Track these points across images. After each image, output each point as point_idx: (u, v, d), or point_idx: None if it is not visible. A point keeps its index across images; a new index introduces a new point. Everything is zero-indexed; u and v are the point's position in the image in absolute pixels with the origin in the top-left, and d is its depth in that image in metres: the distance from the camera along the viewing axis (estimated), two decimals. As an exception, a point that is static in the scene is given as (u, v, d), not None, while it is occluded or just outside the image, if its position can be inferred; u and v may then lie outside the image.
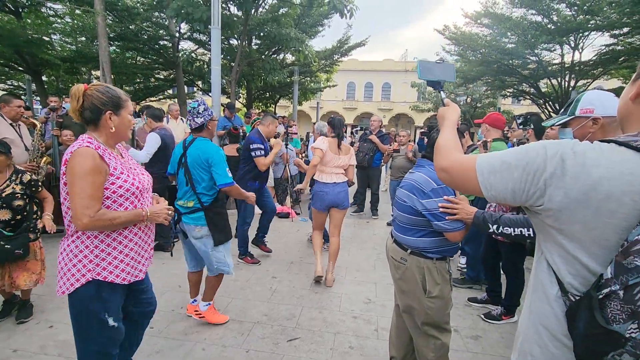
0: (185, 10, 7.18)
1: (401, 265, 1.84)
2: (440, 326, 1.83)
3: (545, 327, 0.84)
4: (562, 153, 0.76)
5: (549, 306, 0.83)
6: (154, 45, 11.37)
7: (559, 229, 0.78)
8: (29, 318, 2.67)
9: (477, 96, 20.24)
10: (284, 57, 13.47)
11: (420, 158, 1.94)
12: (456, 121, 1.16)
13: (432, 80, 1.34)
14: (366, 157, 5.90)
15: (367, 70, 35.90)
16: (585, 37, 11.53)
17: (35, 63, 9.79)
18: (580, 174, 0.72)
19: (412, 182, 1.80)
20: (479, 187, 0.87)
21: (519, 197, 0.82)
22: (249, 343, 2.50)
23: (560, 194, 0.75)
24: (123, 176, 1.54)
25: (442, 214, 1.68)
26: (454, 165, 0.94)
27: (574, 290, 0.77)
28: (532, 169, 0.78)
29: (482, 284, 3.44)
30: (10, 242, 2.44)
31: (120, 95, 1.58)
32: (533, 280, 0.91)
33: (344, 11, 7.52)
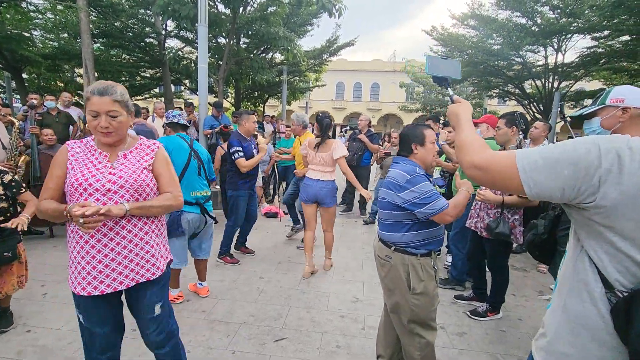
0: (172, 8, 7.05)
1: (386, 262, 1.86)
2: (426, 323, 1.84)
3: (586, 328, 0.81)
4: (618, 149, 0.74)
5: (592, 306, 0.80)
6: (139, 42, 11.18)
7: (610, 226, 0.76)
8: (9, 327, 2.54)
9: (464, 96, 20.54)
10: (272, 57, 13.40)
11: (395, 156, 2.00)
12: (470, 116, 1.13)
13: (439, 76, 1.30)
14: (355, 156, 5.91)
15: (356, 70, 36.03)
16: (567, 40, 11.79)
17: (15, 59, 9.53)
18: (637, 170, 0.71)
19: (389, 179, 1.87)
20: (521, 184, 0.83)
21: (568, 194, 0.79)
22: (235, 344, 2.47)
23: (617, 190, 0.73)
24: (72, 171, 1.48)
25: (421, 201, 1.71)
26: (491, 162, 0.89)
27: (621, 287, 0.76)
28: (584, 165, 0.75)
29: (465, 285, 3.46)
30: (0, 246, 2.33)
31: (84, 93, 1.55)
32: (570, 280, 0.87)
33: (333, 11, 7.52)
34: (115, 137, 1.52)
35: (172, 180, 1.65)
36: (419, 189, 1.72)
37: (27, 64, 9.91)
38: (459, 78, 1.35)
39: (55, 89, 11.80)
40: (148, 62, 12.35)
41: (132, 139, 1.65)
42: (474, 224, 2.91)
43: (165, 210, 1.60)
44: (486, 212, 2.80)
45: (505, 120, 2.83)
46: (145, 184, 1.54)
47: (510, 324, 2.87)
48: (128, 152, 1.58)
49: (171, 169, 1.67)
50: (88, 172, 1.48)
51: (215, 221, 3.14)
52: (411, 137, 1.91)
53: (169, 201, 1.59)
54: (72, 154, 1.53)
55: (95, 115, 1.45)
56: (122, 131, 1.54)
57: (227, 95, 15.15)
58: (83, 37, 6.98)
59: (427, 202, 1.71)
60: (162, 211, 1.59)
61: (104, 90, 1.44)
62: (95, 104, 1.43)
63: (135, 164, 1.56)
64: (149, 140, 1.69)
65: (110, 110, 1.45)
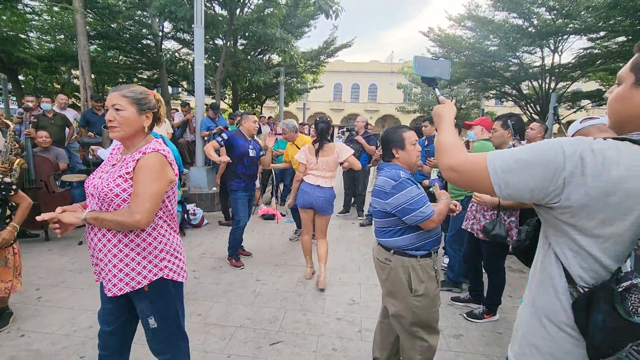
0: (169, 9, 7.05)
1: (386, 265, 1.85)
2: (429, 325, 1.83)
3: (551, 319, 0.85)
4: (581, 152, 0.76)
5: (556, 299, 0.84)
6: (136, 44, 11.16)
7: (574, 225, 0.79)
8: (3, 328, 2.54)
9: (462, 97, 20.58)
10: (269, 58, 13.41)
11: (380, 162, 1.99)
12: (453, 118, 1.14)
13: (427, 77, 1.31)
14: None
15: (353, 71, 36.10)
16: (564, 41, 11.87)
17: (11, 61, 9.48)
18: (600, 173, 0.73)
19: (377, 187, 1.87)
20: (491, 186, 0.86)
21: (536, 195, 0.82)
22: (230, 348, 2.45)
23: (580, 192, 0.75)
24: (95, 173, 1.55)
25: (409, 207, 1.71)
26: (464, 164, 0.92)
27: (582, 283, 0.79)
28: (552, 167, 0.78)
29: (462, 287, 3.46)
30: None
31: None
32: (539, 275, 0.91)
33: (330, 12, 7.53)
34: (120, 132, 1.47)
35: (139, 194, 1.42)
36: (406, 194, 1.72)
37: (23, 65, 9.87)
38: (447, 78, 1.36)
39: (52, 91, 11.76)
40: (145, 64, 12.33)
41: (145, 142, 1.54)
42: (470, 226, 2.91)
43: (116, 226, 1.42)
44: (482, 214, 2.80)
45: (502, 122, 2.83)
46: (113, 194, 1.42)
47: (507, 326, 2.86)
48: (129, 156, 1.50)
49: (146, 180, 1.44)
50: (96, 173, 1.56)
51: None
52: (391, 141, 1.90)
53: (122, 217, 1.40)
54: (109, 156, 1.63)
55: (107, 110, 1.50)
56: (127, 127, 1.47)
57: (225, 96, 15.14)
58: (79, 38, 6.96)
59: (414, 208, 1.71)
60: (114, 226, 1.42)
61: (117, 87, 1.51)
62: (108, 98, 1.49)
63: (118, 170, 1.47)
64: (152, 144, 1.52)
65: (115, 104, 1.46)
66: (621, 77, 0.84)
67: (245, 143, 3.74)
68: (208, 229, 5.31)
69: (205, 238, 4.88)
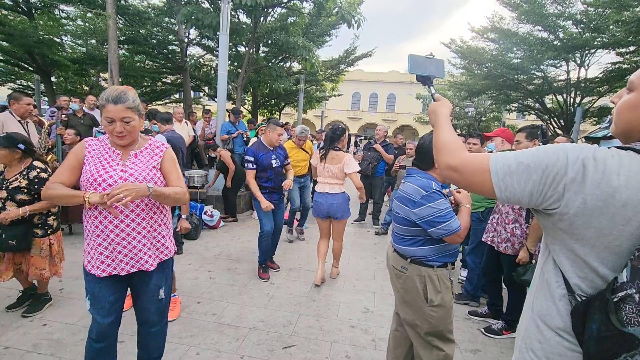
0: (196, 16, 7.28)
1: (402, 274, 1.83)
2: (444, 336, 1.80)
3: (548, 324, 0.84)
4: (584, 158, 0.75)
5: (553, 305, 0.83)
6: (162, 49, 11.54)
7: (571, 233, 0.78)
8: (34, 313, 2.68)
9: (482, 110, 20.29)
10: (290, 66, 13.60)
11: (410, 168, 1.94)
12: (449, 116, 1.11)
13: (422, 75, 1.31)
14: (370, 165, 5.90)
15: (372, 81, 36.16)
16: (591, 55, 11.58)
17: (45, 63, 9.95)
18: (600, 181, 0.72)
19: (403, 193, 1.83)
20: (492, 187, 0.84)
21: (535, 199, 0.81)
22: (243, 349, 2.46)
23: (579, 199, 0.74)
24: (88, 167, 1.60)
25: (436, 220, 1.67)
26: (465, 164, 0.90)
27: (580, 292, 0.78)
28: (552, 172, 0.77)
29: (479, 301, 3.37)
30: (5, 232, 2.45)
31: (99, 100, 1.63)
32: (538, 280, 0.91)
33: (352, 22, 7.60)
34: (129, 139, 1.65)
35: (179, 178, 1.76)
36: (435, 206, 1.68)
37: (56, 67, 10.34)
38: (442, 77, 1.36)
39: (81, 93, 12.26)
40: (170, 69, 12.72)
41: (143, 139, 1.76)
42: (490, 238, 2.85)
43: (175, 202, 1.70)
44: (503, 227, 2.73)
45: (526, 134, 2.75)
46: (154, 182, 1.65)
47: (527, 344, 2.76)
48: (139, 152, 1.70)
49: (178, 167, 1.79)
50: (102, 169, 1.61)
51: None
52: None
53: (180, 194, 1.69)
54: (89, 150, 1.65)
55: (111, 122, 1.57)
56: (134, 134, 1.67)
57: (245, 102, 15.41)
58: (110, 43, 7.25)
59: (441, 222, 1.67)
60: (173, 202, 1.69)
61: (117, 98, 1.55)
62: (111, 111, 1.55)
63: (145, 162, 1.68)
64: (158, 141, 1.81)
65: (124, 117, 1.57)
66: (633, 84, 0.81)
67: (267, 154, 3.59)
68: (224, 231, 5.37)
69: (221, 239, 4.93)
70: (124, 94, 1.57)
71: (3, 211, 2.43)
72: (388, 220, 5.71)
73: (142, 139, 1.76)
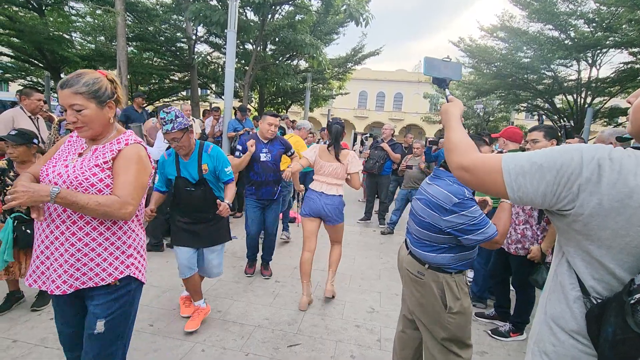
0: (204, 14, 7.29)
1: (418, 279, 1.76)
2: (462, 342, 1.75)
3: (561, 327, 0.83)
4: (599, 158, 0.73)
5: (567, 307, 0.82)
6: (170, 47, 11.60)
7: (586, 235, 0.77)
8: (43, 307, 2.69)
9: (490, 110, 20.09)
10: (297, 63, 13.59)
11: (437, 168, 1.83)
12: (460, 116, 1.12)
13: (437, 77, 1.31)
14: (376, 164, 5.86)
15: (379, 79, 35.99)
16: (603, 54, 11.38)
17: (55, 60, 10.05)
18: (617, 181, 0.71)
19: (429, 196, 1.70)
20: (504, 188, 0.83)
21: (549, 200, 0.79)
22: (248, 346, 2.46)
23: (594, 200, 0.73)
24: (50, 161, 1.42)
25: (470, 227, 1.57)
26: (477, 164, 0.89)
27: (595, 294, 0.77)
28: (566, 172, 0.76)
29: (486, 303, 3.34)
30: (32, 227, 2.41)
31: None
32: (551, 282, 0.89)
33: (360, 19, 7.56)
34: (89, 131, 1.37)
35: (126, 184, 1.35)
36: (469, 214, 1.57)
37: (65, 64, 10.45)
38: (459, 79, 1.36)
39: (90, 89, 12.35)
40: (177, 66, 12.78)
41: (117, 133, 1.47)
42: (499, 239, 2.81)
43: (99, 214, 1.31)
44: (513, 228, 2.69)
45: (544, 132, 2.61)
46: (89, 183, 1.32)
47: (535, 347, 2.72)
48: (101, 147, 1.41)
49: (133, 171, 1.39)
50: (51, 164, 1.41)
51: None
52: None
53: (108, 205, 1.29)
54: (65, 143, 1.49)
55: (64, 110, 1.34)
56: (94, 125, 1.36)
57: (251, 100, 15.44)
58: (119, 40, 7.29)
59: (476, 229, 1.57)
60: (95, 214, 1.30)
61: (65, 82, 1.31)
62: (60, 97, 1.32)
63: (93, 159, 1.38)
64: (130, 136, 1.47)
65: (72, 104, 1.30)
66: None
67: (257, 147, 3.41)
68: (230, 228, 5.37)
69: (227, 237, 4.93)
70: (76, 77, 1.32)
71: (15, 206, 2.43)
72: (394, 219, 5.68)
73: (117, 132, 1.47)
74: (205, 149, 2.56)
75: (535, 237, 2.58)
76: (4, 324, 2.49)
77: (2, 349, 2.21)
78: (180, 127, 2.35)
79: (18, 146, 2.44)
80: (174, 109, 2.39)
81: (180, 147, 2.43)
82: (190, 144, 2.48)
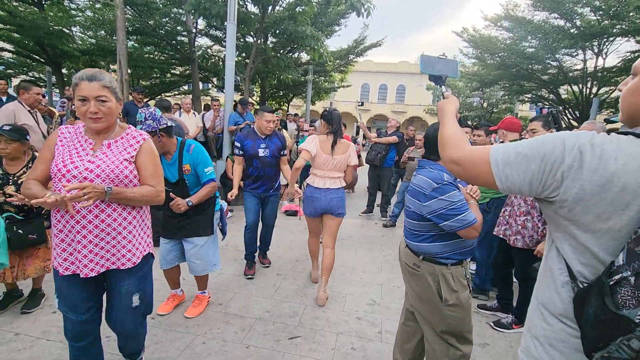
0: (203, 6, 7.22)
1: (414, 271, 1.77)
2: (463, 336, 1.74)
3: (550, 311, 0.85)
4: (580, 145, 0.75)
5: (556, 293, 0.84)
6: (171, 40, 11.52)
7: (572, 220, 0.78)
8: (34, 309, 2.61)
9: (494, 101, 19.88)
10: (298, 56, 13.48)
11: (420, 159, 1.87)
12: (455, 112, 1.15)
13: (434, 74, 1.32)
14: (378, 155, 5.81)
15: (382, 71, 35.69)
16: (609, 43, 11.19)
17: (56, 55, 10.04)
18: (597, 166, 0.73)
19: (414, 186, 1.75)
20: (493, 178, 0.86)
21: (535, 188, 0.82)
22: (249, 339, 2.46)
23: (577, 186, 0.75)
24: (57, 156, 1.51)
25: (449, 213, 1.59)
26: (466, 156, 0.93)
27: (582, 278, 0.79)
28: (549, 160, 0.78)
29: (489, 295, 3.32)
30: (24, 227, 2.39)
31: (72, 79, 1.48)
32: (542, 269, 0.92)
33: (361, 10, 7.46)
34: (105, 123, 1.50)
35: (155, 174, 1.61)
36: (447, 199, 1.59)
37: (66, 59, 10.44)
38: (456, 77, 1.37)
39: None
40: (178, 60, 12.71)
41: (120, 128, 1.62)
42: (502, 232, 2.78)
43: (143, 203, 1.58)
44: (514, 219, 2.66)
45: (542, 122, 2.64)
46: (124, 175, 1.52)
47: (537, 339, 2.71)
48: (113, 142, 1.56)
49: (156, 162, 1.63)
50: (69, 159, 1.49)
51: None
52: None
53: (149, 195, 1.56)
54: (60, 139, 1.55)
55: (83, 100, 1.43)
56: (111, 118, 1.52)
57: (253, 93, 15.37)
58: (118, 33, 7.24)
59: (454, 214, 1.58)
60: (140, 203, 1.57)
61: (92, 75, 1.45)
62: (84, 89, 1.43)
63: (117, 154, 1.54)
64: (136, 130, 1.66)
65: (99, 96, 1.44)
66: (636, 69, 0.82)
67: (255, 142, 3.41)
68: (232, 221, 5.37)
69: (228, 230, 4.93)
70: (100, 73, 1.47)
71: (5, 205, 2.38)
72: (396, 212, 5.65)
73: (120, 127, 1.62)
74: (186, 149, 2.48)
75: (535, 229, 2.55)
76: (5, 317, 2.51)
77: (4, 342, 2.23)
78: (148, 130, 2.23)
79: (12, 142, 2.35)
80: (150, 110, 2.29)
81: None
82: (164, 146, 2.39)
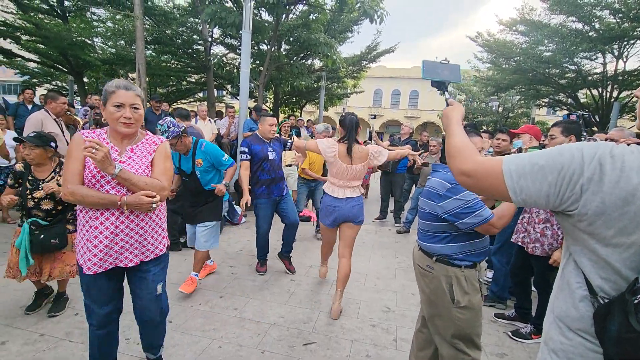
0: (219, 15, 7.38)
1: (427, 273, 1.78)
2: (472, 340, 1.73)
3: (569, 326, 0.83)
4: (600, 156, 0.72)
5: (573, 307, 0.81)
6: (187, 49, 11.79)
7: (592, 234, 0.75)
8: (60, 312, 2.67)
9: (510, 105, 19.56)
10: (312, 63, 13.59)
11: (435, 164, 1.91)
12: (461, 119, 1.11)
13: (436, 80, 1.29)
14: (390, 162, 5.79)
15: (395, 77, 35.64)
16: (630, 46, 10.91)
17: (78, 64, 10.39)
18: (619, 179, 0.70)
19: (428, 188, 1.79)
20: (507, 191, 0.82)
21: (552, 201, 0.78)
22: (264, 344, 2.48)
23: (597, 199, 0.72)
24: (89, 164, 1.61)
25: (464, 212, 1.61)
26: (478, 168, 0.88)
27: (603, 294, 0.76)
28: (567, 172, 0.74)
29: (506, 303, 3.25)
30: (46, 232, 2.47)
31: (106, 88, 1.63)
32: (559, 281, 0.89)
33: (374, 17, 7.49)
34: (135, 128, 1.69)
35: (164, 172, 1.75)
36: (461, 198, 1.62)
37: (88, 68, 10.79)
38: (459, 82, 1.34)
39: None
40: (194, 68, 12.98)
41: (140, 134, 1.79)
42: (520, 239, 2.73)
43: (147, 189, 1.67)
44: (533, 227, 2.61)
45: (562, 128, 2.54)
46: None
47: (557, 350, 2.64)
48: (135, 146, 1.73)
49: (167, 163, 1.79)
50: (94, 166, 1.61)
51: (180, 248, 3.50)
52: None
53: (152, 185, 1.67)
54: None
55: (119, 106, 1.60)
56: (139, 124, 1.71)
57: (266, 100, 15.55)
58: (138, 43, 7.47)
59: (470, 212, 1.60)
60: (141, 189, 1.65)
61: (128, 85, 1.64)
62: (122, 96, 1.61)
63: (142, 158, 1.73)
64: (154, 135, 1.84)
65: (134, 103, 1.64)
66: None
67: (262, 147, 3.51)
68: (246, 227, 5.44)
69: (242, 235, 5.00)
70: (132, 84, 1.65)
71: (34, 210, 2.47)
72: (410, 218, 5.61)
73: (140, 133, 1.79)
74: (199, 146, 3.09)
75: (555, 237, 2.49)
76: (31, 318, 2.60)
77: (30, 342, 2.31)
78: (173, 135, 2.84)
79: (35, 148, 2.44)
80: (167, 120, 2.87)
81: (176, 149, 3.00)
82: (185, 146, 3.03)
